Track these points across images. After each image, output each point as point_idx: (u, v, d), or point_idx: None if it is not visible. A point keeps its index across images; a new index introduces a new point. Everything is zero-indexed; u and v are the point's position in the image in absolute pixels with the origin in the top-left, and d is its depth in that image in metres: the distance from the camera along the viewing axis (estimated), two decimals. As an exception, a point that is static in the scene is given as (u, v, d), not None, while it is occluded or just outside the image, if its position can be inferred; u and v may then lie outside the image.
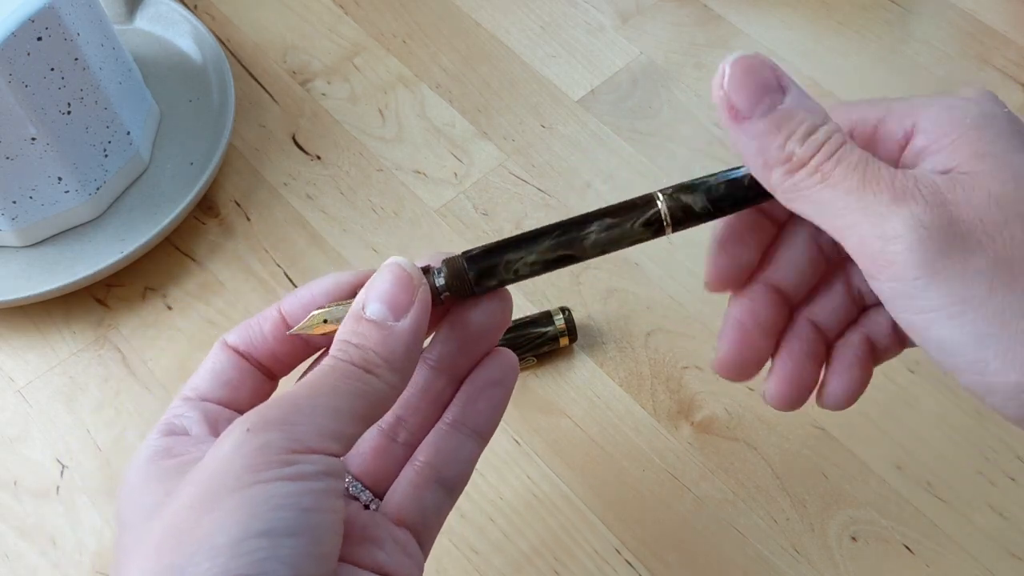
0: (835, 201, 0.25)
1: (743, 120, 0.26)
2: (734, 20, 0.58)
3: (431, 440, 0.32)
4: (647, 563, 0.42)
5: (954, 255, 0.25)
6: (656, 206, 0.29)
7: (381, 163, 0.53)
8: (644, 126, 0.54)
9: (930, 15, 0.57)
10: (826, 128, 0.26)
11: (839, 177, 0.25)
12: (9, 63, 0.43)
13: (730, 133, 0.27)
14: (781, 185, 0.26)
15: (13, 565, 0.43)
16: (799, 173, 0.26)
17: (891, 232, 0.25)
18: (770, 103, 0.26)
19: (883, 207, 0.25)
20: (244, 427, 0.25)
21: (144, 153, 0.52)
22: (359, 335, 0.28)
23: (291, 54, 0.58)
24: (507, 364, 0.32)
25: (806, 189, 0.26)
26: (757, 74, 0.26)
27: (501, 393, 0.32)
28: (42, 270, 0.49)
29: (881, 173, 0.25)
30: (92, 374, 0.47)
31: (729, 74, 0.26)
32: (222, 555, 0.24)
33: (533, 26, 0.58)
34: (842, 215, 0.25)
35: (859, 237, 0.25)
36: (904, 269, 0.25)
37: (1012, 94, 0.54)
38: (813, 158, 0.26)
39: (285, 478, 0.25)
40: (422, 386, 0.32)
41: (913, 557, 0.41)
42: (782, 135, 0.26)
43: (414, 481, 0.31)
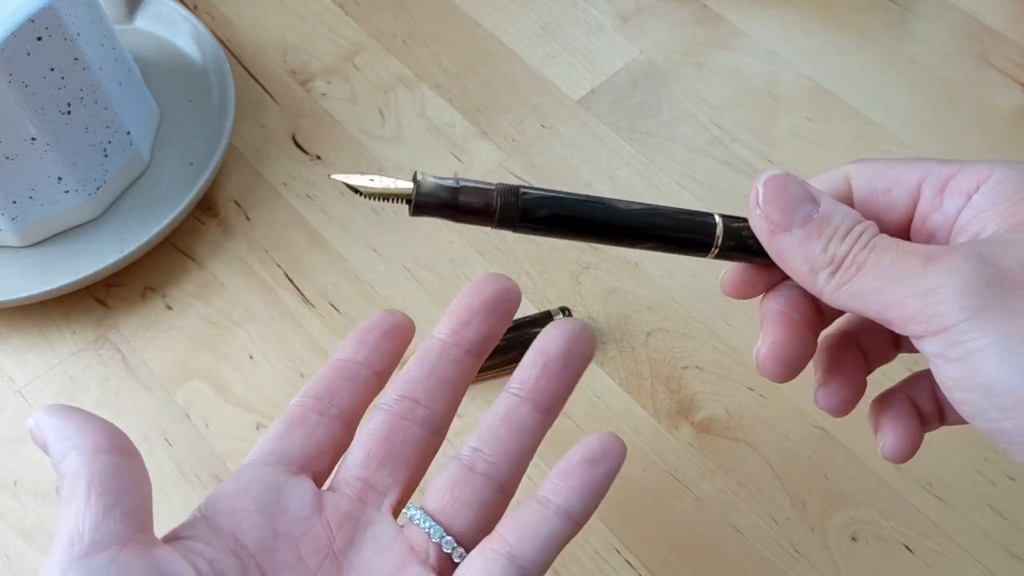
0: (873, 283, 0.26)
1: (783, 232, 0.27)
2: (734, 20, 0.58)
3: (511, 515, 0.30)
4: (647, 563, 0.42)
5: (998, 296, 0.25)
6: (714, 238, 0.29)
7: (381, 163, 0.53)
8: (644, 126, 0.54)
9: (930, 15, 0.57)
10: (861, 225, 0.27)
11: (873, 261, 0.26)
12: (9, 63, 0.43)
13: (771, 248, 0.28)
14: (827, 287, 0.27)
15: (13, 565, 0.43)
16: (838, 272, 0.27)
17: (930, 286, 0.25)
18: (806, 212, 0.27)
19: (918, 268, 0.26)
20: None
21: (144, 153, 0.52)
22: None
23: (291, 54, 0.58)
24: (607, 445, 0.30)
25: (847, 283, 0.27)
26: (789, 189, 0.28)
27: (594, 474, 0.30)
28: (42, 270, 0.49)
29: (914, 247, 0.26)
30: (92, 374, 0.47)
31: (763, 192, 0.28)
32: None
33: (533, 26, 0.58)
34: (882, 294, 0.26)
35: (900, 306, 0.26)
36: (947, 314, 0.25)
37: (1012, 94, 0.54)
38: (849, 253, 0.27)
39: None
40: (503, 414, 0.32)
41: (913, 557, 0.41)
42: (824, 239, 0.27)
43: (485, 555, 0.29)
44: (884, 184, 0.29)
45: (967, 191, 0.28)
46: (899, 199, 0.29)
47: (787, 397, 0.45)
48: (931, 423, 0.31)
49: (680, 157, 0.53)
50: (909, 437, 0.30)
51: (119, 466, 0.28)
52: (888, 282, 0.26)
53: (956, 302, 0.25)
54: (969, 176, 0.28)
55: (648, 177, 0.52)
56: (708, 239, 0.29)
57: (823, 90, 0.55)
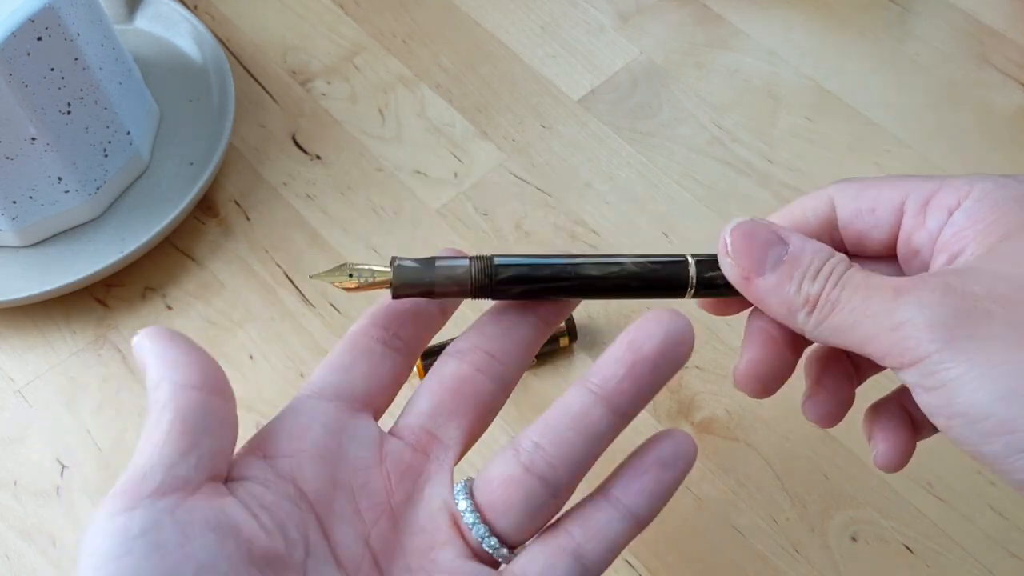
0: (847, 320, 0.27)
1: (757, 278, 0.28)
2: (734, 20, 0.58)
3: (578, 509, 0.29)
4: (647, 563, 0.42)
5: (966, 325, 0.25)
6: (688, 281, 0.30)
7: (381, 163, 0.53)
8: (644, 126, 0.54)
9: (930, 15, 0.57)
10: (831, 262, 0.27)
11: (845, 299, 0.27)
12: (9, 63, 0.43)
13: (747, 294, 0.28)
14: (807, 325, 0.28)
15: (13, 565, 0.43)
16: (815, 309, 0.27)
17: (898, 320, 0.25)
18: (776, 256, 0.28)
19: (888, 304, 0.26)
20: None
21: (144, 153, 0.52)
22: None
23: (291, 54, 0.58)
24: (681, 447, 0.30)
25: (824, 321, 0.27)
26: (756, 235, 0.28)
27: (667, 477, 0.29)
28: (42, 270, 0.49)
29: (883, 282, 0.27)
30: (92, 374, 0.47)
31: (731, 242, 0.28)
32: None
33: (533, 26, 0.58)
34: (856, 331, 0.26)
35: (876, 341, 0.26)
36: (918, 347, 0.25)
37: (1012, 94, 0.54)
38: (823, 291, 0.27)
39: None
40: (575, 413, 0.29)
41: (913, 557, 0.41)
42: (796, 280, 0.27)
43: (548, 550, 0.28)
44: (868, 204, 0.29)
45: (948, 208, 0.28)
46: (883, 218, 0.29)
47: (787, 397, 0.45)
48: (924, 431, 0.31)
49: (680, 157, 0.53)
50: (900, 446, 0.30)
51: (207, 406, 0.27)
52: (861, 319, 0.26)
53: (926, 335, 0.25)
54: (950, 193, 0.28)
55: (648, 177, 0.52)
56: (682, 284, 0.30)
57: (823, 90, 0.55)
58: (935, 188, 0.28)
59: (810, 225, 0.30)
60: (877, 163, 0.52)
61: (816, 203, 0.30)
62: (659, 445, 0.30)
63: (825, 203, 0.30)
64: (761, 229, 0.28)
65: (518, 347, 0.31)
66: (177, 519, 0.25)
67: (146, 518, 0.25)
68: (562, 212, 0.51)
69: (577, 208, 0.51)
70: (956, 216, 0.28)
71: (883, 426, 0.31)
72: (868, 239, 0.29)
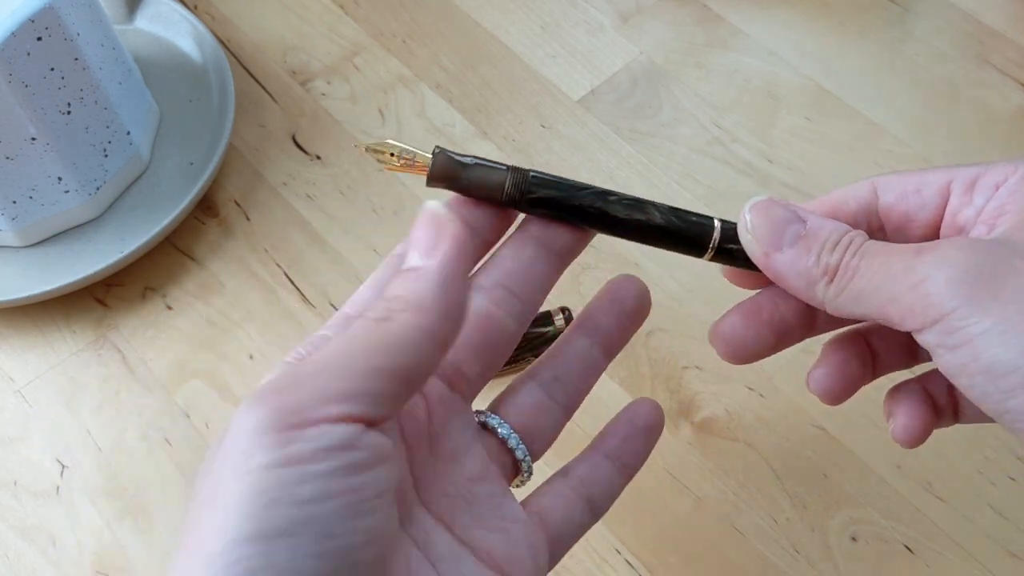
0: (869, 284, 0.27)
1: (775, 253, 0.28)
2: (734, 20, 0.58)
3: (586, 465, 0.32)
4: (647, 563, 0.42)
5: (989, 281, 0.25)
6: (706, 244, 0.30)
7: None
8: (644, 126, 0.54)
9: (930, 15, 0.57)
10: (849, 235, 0.28)
11: (866, 264, 0.27)
12: (9, 63, 0.43)
13: (767, 269, 0.29)
14: (826, 296, 0.28)
15: (13, 565, 0.43)
16: (835, 279, 0.28)
17: (919, 276, 0.26)
18: (794, 231, 0.28)
19: (909, 262, 0.26)
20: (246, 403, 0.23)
21: (144, 153, 0.52)
22: (390, 287, 0.26)
23: (291, 54, 0.58)
24: (655, 415, 0.33)
25: (844, 289, 0.27)
26: (774, 212, 0.29)
27: (650, 441, 0.33)
28: (42, 270, 0.49)
29: (905, 246, 0.27)
30: (92, 374, 0.47)
31: (750, 219, 0.29)
32: (215, 564, 0.21)
33: (533, 26, 0.58)
34: (878, 293, 0.27)
35: (896, 303, 0.26)
36: (941, 303, 0.25)
37: (1012, 94, 0.54)
38: (842, 260, 0.28)
39: (283, 463, 0.22)
40: (580, 353, 0.32)
41: (913, 557, 0.41)
42: (815, 253, 0.28)
43: (566, 494, 0.31)
44: (913, 186, 0.30)
45: (996, 184, 0.28)
46: (929, 198, 0.29)
47: (787, 397, 0.45)
48: (945, 418, 0.31)
49: (680, 157, 0.53)
50: (922, 421, 0.31)
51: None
52: (883, 280, 0.26)
53: (947, 290, 0.25)
54: (996, 172, 0.28)
55: (648, 177, 0.52)
56: (702, 245, 0.30)
57: (823, 90, 0.54)
58: (982, 170, 0.29)
59: (849, 208, 0.30)
60: (877, 163, 0.52)
61: (857, 189, 0.31)
62: (642, 415, 0.33)
63: (867, 190, 0.30)
64: (778, 207, 0.29)
65: (536, 285, 0.31)
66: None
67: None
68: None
69: (577, 208, 0.51)
70: (1000, 192, 0.28)
71: (904, 402, 0.31)
72: (912, 220, 0.30)
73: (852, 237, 0.28)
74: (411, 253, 0.26)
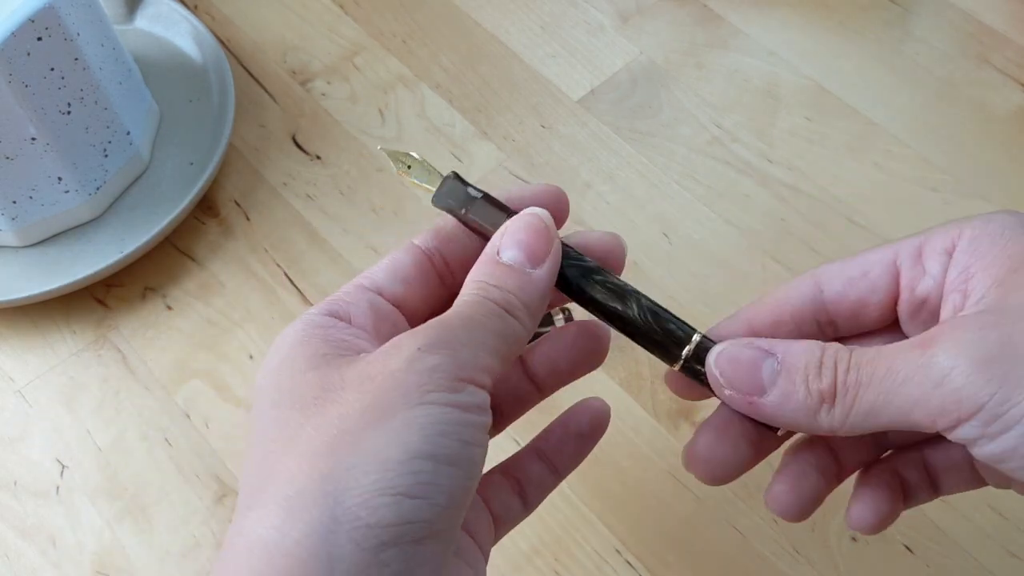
0: (880, 396, 0.25)
1: (760, 398, 0.27)
2: (734, 20, 0.58)
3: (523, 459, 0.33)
4: (647, 563, 0.42)
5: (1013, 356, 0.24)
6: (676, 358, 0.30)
7: (381, 163, 0.53)
8: (644, 126, 0.54)
9: (930, 15, 0.57)
10: (829, 351, 0.27)
11: (867, 376, 0.26)
12: (9, 63, 0.43)
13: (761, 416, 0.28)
14: (834, 421, 0.26)
15: (13, 565, 0.43)
16: (836, 402, 0.26)
17: (940, 372, 0.24)
18: (770, 368, 0.27)
19: (920, 360, 0.25)
20: (415, 345, 0.25)
21: (144, 153, 0.52)
22: (497, 277, 0.28)
23: (291, 54, 0.58)
24: (601, 419, 0.33)
25: (852, 407, 0.26)
26: (741, 356, 0.28)
27: (589, 446, 0.33)
28: (42, 270, 0.49)
29: (900, 345, 0.26)
30: (92, 374, 0.47)
31: (719, 372, 0.28)
32: (390, 470, 0.23)
33: (533, 26, 0.58)
34: (895, 403, 0.25)
35: (921, 406, 0.25)
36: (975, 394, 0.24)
37: (1012, 94, 0.54)
38: (836, 381, 0.26)
39: (453, 405, 0.25)
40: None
41: (913, 557, 0.41)
42: (802, 383, 0.26)
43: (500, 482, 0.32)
44: (858, 271, 0.29)
45: (945, 249, 0.27)
46: (878, 279, 0.29)
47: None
48: (920, 495, 0.30)
49: (680, 157, 0.53)
50: (878, 510, 0.30)
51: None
52: (895, 388, 0.25)
53: (977, 377, 0.24)
54: (941, 236, 0.28)
55: (648, 177, 0.52)
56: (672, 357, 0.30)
57: (823, 90, 0.55)
58: (923, 238, 0.28)
59: (791, 307, 0.29)
60: (877, 163, 0.52)
61: (800, 286, 0.30)
62: (581, 415, 0.33)
63: (809, 284, 0.29)
64: (743, 350, 0.28)
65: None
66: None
67: None
68: (562, 212, 0.51)
69: (577, 208, 0.51)
70: (957, 256, 0.27)
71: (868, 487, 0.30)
72: (865, 306, 0.29)
73: (835, 352, 0.26)
74: (514, 251, 0.28)
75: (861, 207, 0.50)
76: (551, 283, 0.28)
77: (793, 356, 0.27)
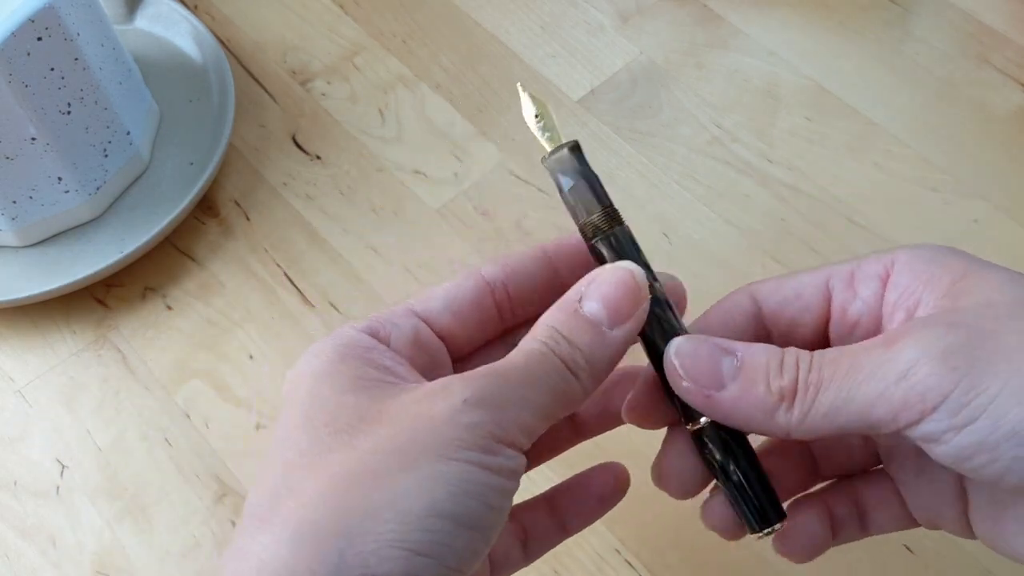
0: (841, 394, 0.25)
1: (717, 392, 0.27)
2: (734, 20, 0.58)
3: (533, 509, 0.32)
4: (647, 563, 0.42)
5: (979, 346, 0.24)
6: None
7: (381, 163, 0.53)
8: (644, 126, 0.54)
9: (930, 15, 0.57)
10: (790, 353, 0.26)
11: (829, 374, 0.25)
12: (9, 63, 0.43)
13: (716, 411, 0.27)
14: (791, 421, 0.26)
15: (13, 565, 0.43)
16: (796, 401, 0.26)
17: (906, 365, 0.24)
18: (730, 364, 0.27)
19: (884, 355, 0.25)
20: (463, 395, 0.25)
21: (144, 153, 0.52)
22: (571, 329, 0.27)
23: (291, 54, 0.58)
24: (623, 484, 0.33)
25: (811, 407, 0.26)
26: (702, 350, 0.27)
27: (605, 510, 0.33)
28: (42, 270, 0.49)
29: (861, 344, 0.26)
30: (92, 374, 0.47)
31: (679, 364, 0.27)
32: (408, 523, 0.23)
33: (533, 26, 0.58)
34: (857, 400, 0.25)
35: (883, 401, 0.24)
36: (939, 383, 0.24)
37: (1012, 94, 0.54)
38: (797, 379, 0.26)
39: (485, 467, 0.24)
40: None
41: (913, 557, 0.41)
42: (762, 380, 0.26)
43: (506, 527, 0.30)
44: (791, 292, 0.29)
45: (878, 276, 0.28)
46: (811, 299, 0.29)
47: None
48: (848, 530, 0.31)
49: (680, 157, 0.53)
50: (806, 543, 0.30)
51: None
52: (858, 385, 0.25)
53: (942, 368, 0.24)
54: (875, 263, 0.28)
55: (648, 177, 0.52)
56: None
57: (823, 90, 0.54)
58: (855, 264, 0.28)
59: (736, 322, 0.29)
60: (876, 163, 0.52)
61: (739, 300, 0.30)
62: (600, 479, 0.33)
63: (747, 299, 0.30)
64: (703, 345, 0.27)
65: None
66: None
67: None
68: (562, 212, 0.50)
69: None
70: (895, 279, 0.27)
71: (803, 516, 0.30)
72: (798, 325, 0.29)
73: (796, 352, 0.26)
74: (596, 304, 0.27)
75: (861, 207, 0.50)
76: (626, 348, 0.27)
77: (754, 354, 0.27)
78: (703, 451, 0.29)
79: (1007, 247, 0.48)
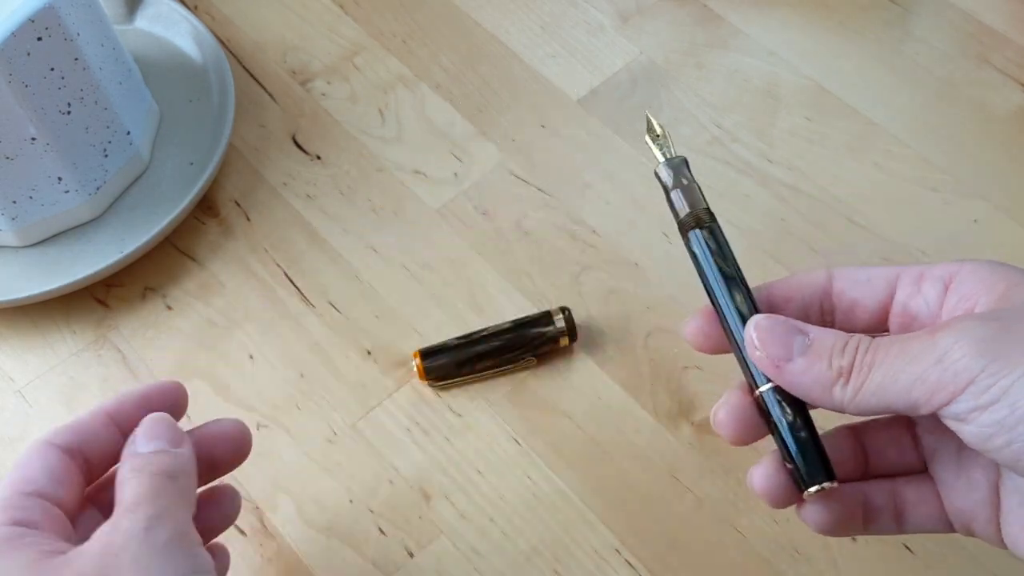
0: (889, 374, 0.28)
1: (786, 364, 0.30)
2: (734, 20, 0.58)
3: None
4: (647, 563, 0.42)
5: (1009, 337, 0.26)
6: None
7: (381, 163, 0.53)
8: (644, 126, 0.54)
9: (930, 15, 0.57)
10: (855, 338, 0.29)
11: (882, 356, 0.28)
12: (9, 63, 0.43)
13: (782, 380, 0.30)
14: (844, 396, 0.29)
15: (13, 565, 0.43)
16: (851, 377, 0.29)
17: (942, 350, 0.27)
18: (801, 342, 0.30)
19: (928, 342, 0.28)
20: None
21: (144, 153, 0.52)
22: (145, 466, 0.32)
23: (291, 54, 0.58)
24: (235, 508, 0.38)
25: (863, 384, 0.29)
26: (778, 328, 0.30)
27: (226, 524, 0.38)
28: (42, 270, 0.49)
29: (914, 333, 0.29)
30: (92, 374, 0.47)
31: (757, 336, 0.31)
32: None
33: (533, 26, 0.58)
34: (901, 380, 0.28)
35: (922, 381, 0.27)
36: (968, 366, 0.26)
37: (1012, 94, 0.54)
38: (855, 360, 0.29)
39: None
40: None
41: (913, 557, 0.41)
42: (826, 358, 0.29)
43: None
44: (864, 277, 0.32)
45: (943, 280, 0.30)
46: (878, 286, 0.32)
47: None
48: (882, 520, 0.32)
49: (680, 157, 0.53)
50: (835, 513, 0.32)
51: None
52: (903, 367, 0.28)
53: (972, 353, 0.26)
54: (942, 269, 0.31)
55: (648, 177, 0.52)
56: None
57: (823, 90, 0.55)
58: (925, 267, 0.31)
59: (806, 291, 0.33)
60: (877, 163, 0.52)
61: (816, 276, 0.33)
62: (223, 504, 0.38)
63: (824, 276, 0.33)
64: (780, 323, 0.31)
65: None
66: None
67: None
68: (562, 212, 0.51)
69: (577, 208, 0.51)
70: (956, 285, 0.30)
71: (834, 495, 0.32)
72: (859, 306, 0.32)
73: (859, 339, 0.29)
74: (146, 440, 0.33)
75: (861, 207, 0.50)
76: (192, 449, 0.34)
77: (823, 336, 0.30)
78: (766, 409, 0.31)
79: (1007, 247, 0.48)
